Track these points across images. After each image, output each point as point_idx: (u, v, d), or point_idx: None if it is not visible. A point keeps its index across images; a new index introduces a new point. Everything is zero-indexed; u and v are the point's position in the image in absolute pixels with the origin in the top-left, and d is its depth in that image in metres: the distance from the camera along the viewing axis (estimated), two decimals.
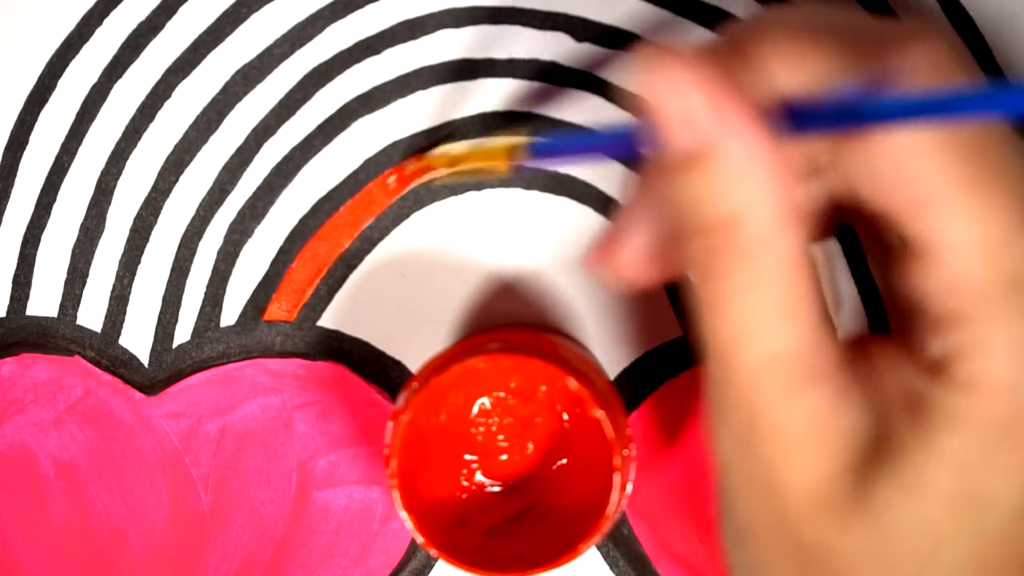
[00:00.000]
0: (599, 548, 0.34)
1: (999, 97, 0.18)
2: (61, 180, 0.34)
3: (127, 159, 0.33)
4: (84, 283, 0.34)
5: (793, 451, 0.21)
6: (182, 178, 0.33)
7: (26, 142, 0.33)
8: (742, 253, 0.21)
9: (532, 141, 0.27)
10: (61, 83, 0.33)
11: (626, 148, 0.24)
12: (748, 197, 0.20)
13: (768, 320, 0.21)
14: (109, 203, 0.34)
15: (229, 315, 0.34)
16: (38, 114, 0.33)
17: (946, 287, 0.20)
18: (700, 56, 0.21)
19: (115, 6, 0.33)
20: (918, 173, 0.20)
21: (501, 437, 0.32)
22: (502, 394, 0.32)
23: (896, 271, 0.22)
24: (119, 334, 0.34)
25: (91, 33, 0.33)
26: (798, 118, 0.20)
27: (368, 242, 0.33)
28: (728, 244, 0.21)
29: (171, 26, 0.33)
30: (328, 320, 0.34)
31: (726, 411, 0.22)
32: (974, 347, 0.20)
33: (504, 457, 0.32)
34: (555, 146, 0.26)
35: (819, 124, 0.20)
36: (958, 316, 0.20)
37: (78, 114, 0.33)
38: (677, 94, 0.20)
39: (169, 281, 0.34)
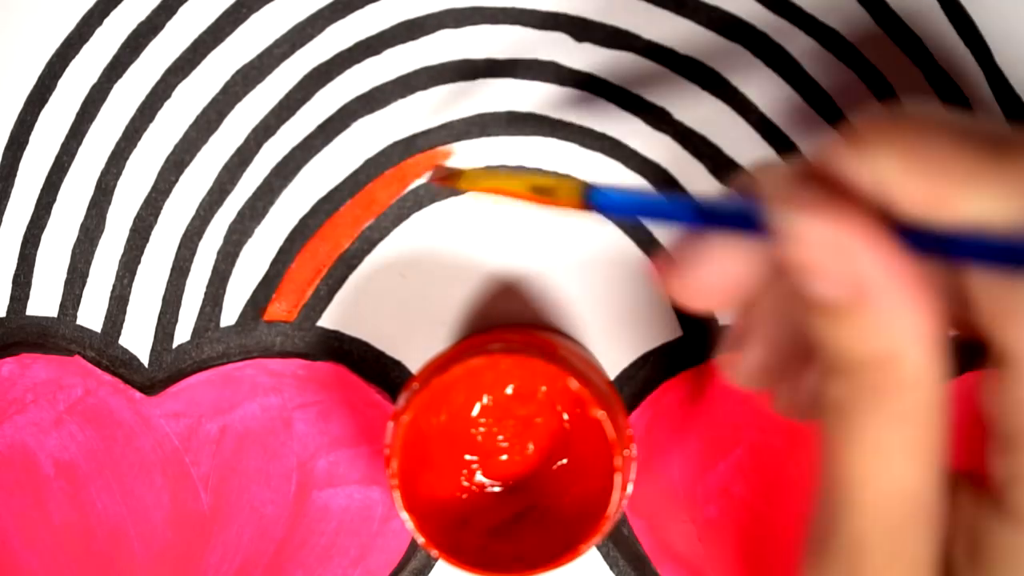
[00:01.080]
0: (599, 548, 0.34)
1: None
2: (61, 180, 0.34)
3: (127, 159, 0.33)
4: (84, 283, 0.34)
5: None
6: (182, 178, 0.33)
7: (26, 142, 0.33)
8: (892, 391, 0.20)
9: (597, 188, 0.25)
10: (61, 83, 0.33)
11: (713, 226, 0.23)
12: (902, 338, 0.20)
13: (901, 458, 0.21)
14: (109, 203, 0.34)
15: (229, 315, 0.34)
16: (38, 114, 0.33)
17: (1019, 403, 0.20)
18: (821, 182, 0.20)
19: (115, 6, 0.33)
20: (1014, 283, 0.20)
21: (501, 437, 0.32)
22: (502, 394, 0.32)
23: (981, 382, 0.21)
24: (119, 334, 0.34)
25: (91, 33, 0.33)
26: (921, 240, 0.20)
27: (368, 242, 0.33)
28: (878, 383, 0.20)
29: (171, 26, 0.33)
30: (328, 320, 0.34)
31: (831, 547, 0.22)
32: None
33: (504, 457, 0.32)
34: (621, 201, 0.25)
35: (944, 251, 0.20)
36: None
37: (78, 114, 0.33)
38: (827, 249, 0.20)
39: (169, 281, 0.34)
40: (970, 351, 0.25)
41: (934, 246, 0.20)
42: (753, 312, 0.25)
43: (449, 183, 0.31)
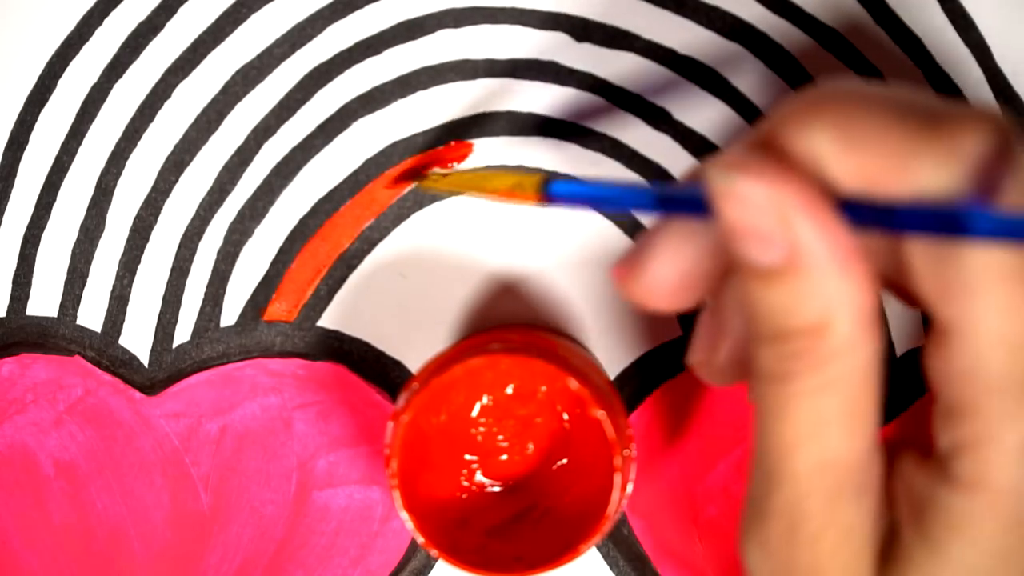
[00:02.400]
0: (599, 548, 0.34)
1: None
2: (61, 180, 0.34)
3: (127, 159, 0.33)
4: (84, 283, 0.34)
5: (829, 559, 0.21)
6: (182, 178, 0.33)
7: (26, 142, 0.33)
8: (821, 359, 0.20)
9: (555, 180, 0.26)
10: (61, 83, 0.33)
11: (668, 211, 0.23)
12: (833, 306, 0.20)
13: (831, 427, 0.21)
14: (109, 203, 0.34)
15: (229, 315, 0.34)
16: (38, 114, 0.33)
17: (963, 374, 0.20)
18: (763, 152, 0.20)
19: (115, 6, 0.33)
20: (955, 255, 0.20)
21: (501, 437, 0.32)
22: (502, 394, 0.32)
23: (924, 352, 0.21)
24: (119, 334, 0.34)
25: (91, 33, 0.33)
26: (858, 212, 0.20)
27: (368, 242, 0.33)
28: (808, 350, 0.20)
29: (171, 26, 0.33)
30: (328, 320, 0.34)
31: (766, 514, 0.22)
32: (980, 442, 0.20)
33: (504, 457, 0.32)
34: (580, 191, 0.25)
35: (882, 223, 0.20)
36: (969, 407, 0.20)
37: (78, 114, 0.33)
38: (762, 211, 0.20)
39: (169, 281, 0.34)
40: None
41: (872, 218, 0.20)
42: (717, 308, 0.25)
43: (414, 183, 0.31)
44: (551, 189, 0.25)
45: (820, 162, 0.20)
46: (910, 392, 0.33)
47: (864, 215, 0.20)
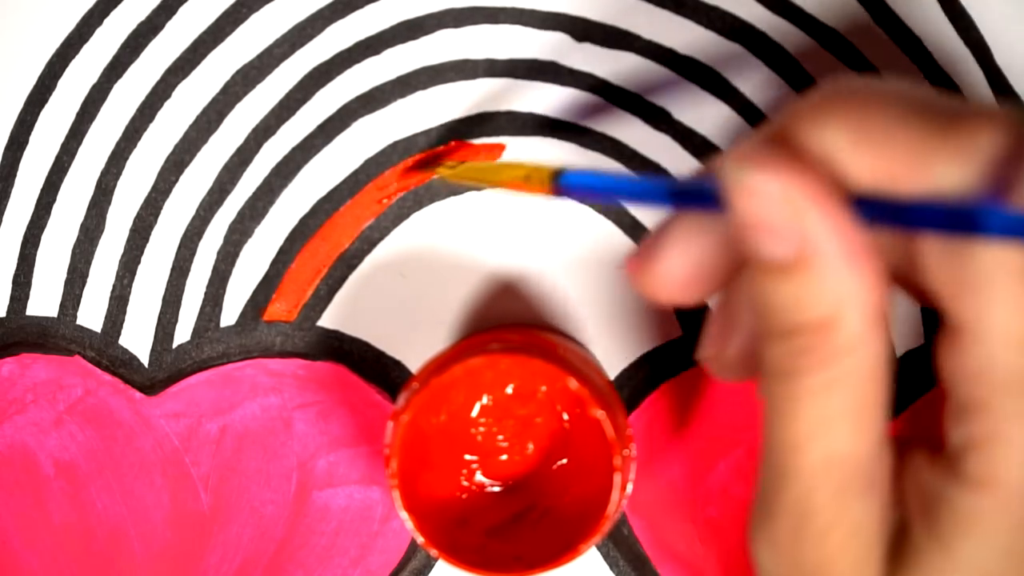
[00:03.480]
0: (599, 548, 0.34)
1: None
2: (61, 180, 0.34)
3: (127, 159, 0.33)
4: (84, 283, 0.34)
5: (837, 555, 0.21)
6: (182, 178, 0.33)
7: (26, 142, 0.33)
8: (829, 355, 0.20)
9: (567, 171, 0.26)
10: (61, 83, 0.33)
11: (681, 205, 0.23)
12: (842, 302, 0.20)
13: (839, 423, 0.21)
14: (109, 203, 0.34)
15: (229, 315, 0.34)
16: (38, 114, 0.33)
17: (974, 372, 0.20)
18: (777, 148, 0.20)
19: (115, 6, 0.33)
20: (968, 254, 0.20)
21: (501, 437, 0.32)
22: (502, 394, 0.32)
23: (935, 349, 0.21)
24: (119, 334, 0.34)
25: (91, 33, 0.33)
26: (871, 209, 0.20)
27: (368, 242, 0.33)
28: (815, 347, 0.20)
29: (171, 26, 0.33)
30: (328, 320, 0.34)
31: (774, 510, 0.22)
32: (991, 441, 0.20)
33: (504, 457, 0.32)
34: (592, 182, 0.25)
35: (895, 220, 0.20)
36: (980, 404, 0.20)
37: (78, 114, 0.33)
38: (775, 205, 0.20)
39: (169, 281, 0.34)
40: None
41: (885, 215, 0.20)
42: (728, 303, 0.25)
43: (426, 173, 0.31)
44: (563, 180, 0.25)
45: (834, 158, 0.20)
46: (910, 392, 0.33)
47: (877, 212, 0.20)
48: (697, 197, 0.22)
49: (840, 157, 0.20)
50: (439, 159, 0.33)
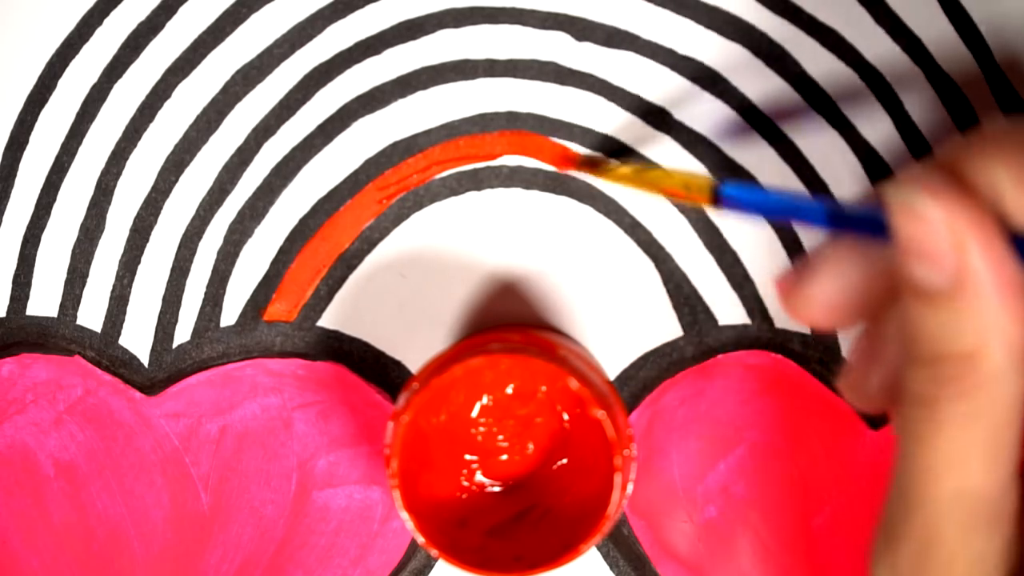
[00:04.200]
0: (599, 548, 0.34)
1: None
2: (61, 180, 0.34)
3: (127, 159, 0.33)
4: (84, 283, 0.34)
5: None
6: (182, 178, 0.33)
7: (26, 142, 0.33)
8: (971, 387, 0.21)
9: (727, 184, 0.26)
10: (61, 83, 0.33)
11: (840, 228, 0.23)
12: (990, 334, 0.21)
13: (974, 456, 0.21)
14: (109, 203, 0.34)
15: (229, 315, 0.34)
16: (38, 114, 0.33)
17: None
18: (945, 178, 0.21)
19: (115, 6, 0.33)
20: None
21: (501, 437, 0.32)
22: (503, 394, 0.32)
23: None
24: (119, 334, 0.34)
25: (91, 33, 0.33)
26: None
27: (368, 242, 0.33)
28: (959, 377, 0.21)
29: (171, 26, 0.33)
30: (328, 320, 0.34)
31: (900, 537, 0.22)
32: None
33: (504, 457, 0.32)
34: (752, 198, 0.26)
35: None
36: None
37: (78, 114, 0.33)
38: (938, 231, 0.20)
39: (169, 281, 0.34)
40: None
41: None
42: (874, 332, 0.25)
43: (591, 171, 0.31)
44: (724, 193, 0.26)
45: (999, 195, 0.21)
46: None
47: None
48: (858, 222, 0.23)
49: (1005, 194, 0.21)
50: (598, 161, 0.33)
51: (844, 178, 0.32)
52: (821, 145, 0.32)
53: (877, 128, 0.32)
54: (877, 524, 0.23)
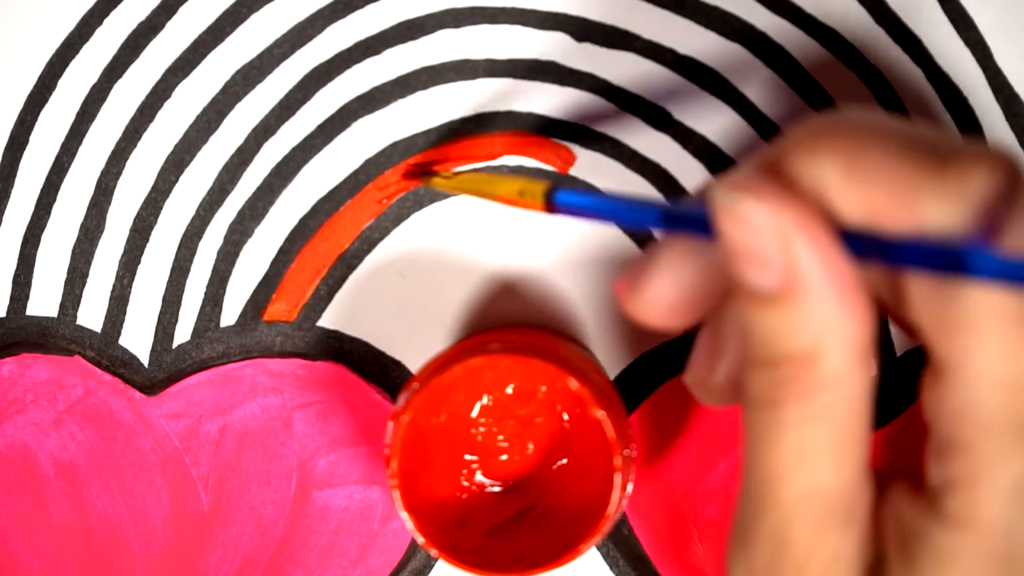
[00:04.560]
0: (599, 548, 0.34)
1: None
2: (61, 180, 0.34)
3: (127, 159, 0.33)
4: (84, 283, 0.34)
5: None
6: (182, 178, 0.33)
7: (26, 142, 0.33)
8: (811, 388, 0.20)
9: (560, 189, 0.26)
10: (61, 83, 0.33)
11: (671, 229, 0.23)
12: (826, 335, 0.20)
13: (819, 456, 0.21)
14: (109, 203, 0.34)
15: (229, 315, 0.34)
16: (38, 114, 0.33)
17: (958, 412, 0.20)
18: (768, 177, 0.20)
19: (115, 6, 0.33)
20: (955, 294, 0.20)
21: (501, 437, 0.32)
22: (503, 394, 0.32)
23: (920, 385, 0.21)
24: (119, 334, 0.34)
25: (91, 33, 0.33)
26: (859, 243, 0.20)
27: (368, 242, 0.33)
28: (798, 378, 0.20)
29: (171, 26, 0.33)
30: (328, 320, 0.34)
31: (752, 539, 0.22)
32: (972, 481, 0.20)
33: (504, 457, 0.32)
34: (585, 202, 0.25)
35: (883, 256, 0.20)
36: (962, 445, 0.20)
37: (78, 114, 0.33)
38: (763, 233, 0.20)
39: (169, 281, 0.34)
40: None
41: (873, 250, 0.20)
42: (715, 328, 0.25)
43: (421, 182, 0.31)
44: (556, 198, 0.25)
45: (825, 191, 0.20)
46: (909, 393, 0.33)
47: (865, 247, 0.20)
48: (688, 222, 0.22)
49: (831, 190, 0.20)
50: (433, 165, 0.33)
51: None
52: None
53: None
54: (731, 525, 0.23)
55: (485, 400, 0.32)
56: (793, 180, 0.21)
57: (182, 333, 0.34)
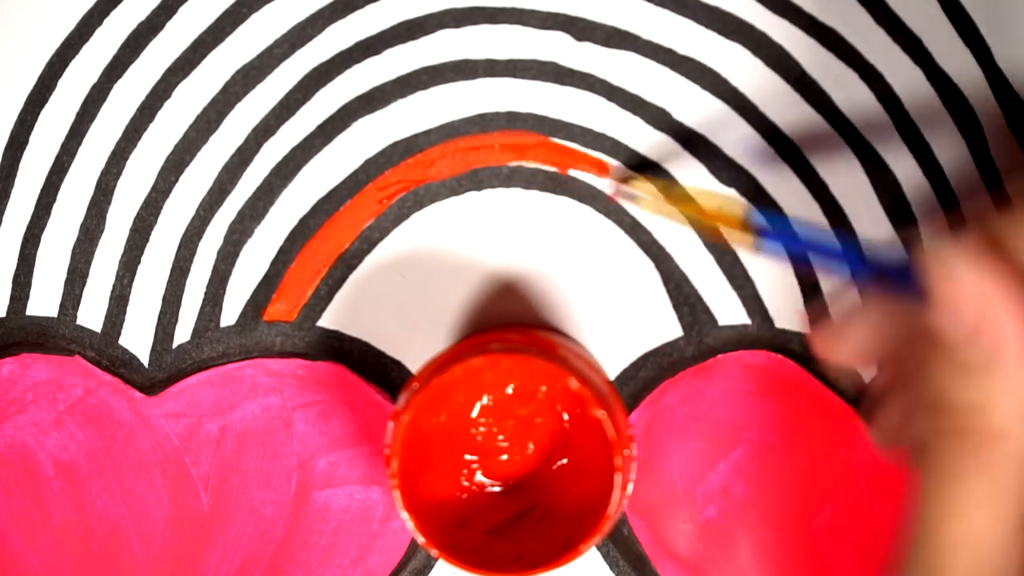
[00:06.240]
0: (599, 548, 0.34)
1: None
2: (61, 180, 0.34)
3: (127, 159, 0.33)
4: (84, 283, 0.34)
5: None
6: (182, 178, 0.33)
7: (26, 142, 0.33)
8: (984, 439, 0.22)
9: (765, 223, 0.27)
10: (61, 83, 0.33)
11: (876, 279, 0.24)
12: (1007, 393, 0.22)
13: (981, 507, 0.22)
14: (109, 203, 0.34)
15: (229, 315, 0.34)
16: (38, 114, 0.33)
17: None
18: (987, 248, 0.22)
19: (115, 6, 0.33)
20: None
21: (501, 437, 0.32)
22: (503, 394, 0.32)
23: None
24: (119, 334, 0.34)
25: (91, 33, 0.33)
26: None
27: (368, 242, 0.33)
28: (972, 428, 0.22)
29: (171, 26, 0.33)
30: (328, 320, 0.34)
31: (911, 569, 0.23)
32: None
33: (504, 457, 0.32)
34: (795, 239, 0.27)
35: None
36: None
37: (78, 114, 0.33)
38: (974, 302, 0.21)
39: (169, 281, 0.34)
40: None
41: None
42: (891, 371, 0.26)
43: (629, 200, 0.32)
44: (760, 227, 0.27)
45: None
46: None
47: None
48: (894, 276, 0.23)
49: None
50: (628, 179, 0.33)
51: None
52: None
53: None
54: (895, 555, 0.24)
55: (485, 400, 0.32)
56: (1011, 255, 0.22)
57: (182, 333, 0.34)
